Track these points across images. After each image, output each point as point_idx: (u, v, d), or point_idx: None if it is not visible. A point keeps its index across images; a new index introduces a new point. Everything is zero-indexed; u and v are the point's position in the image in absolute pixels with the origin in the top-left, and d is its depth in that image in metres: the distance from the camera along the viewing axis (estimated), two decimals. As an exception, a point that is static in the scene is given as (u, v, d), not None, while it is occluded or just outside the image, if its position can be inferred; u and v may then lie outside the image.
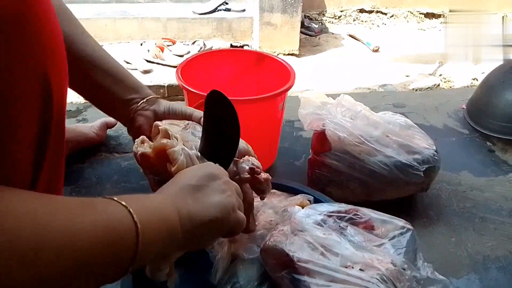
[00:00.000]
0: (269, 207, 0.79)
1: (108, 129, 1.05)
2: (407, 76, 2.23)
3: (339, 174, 0.85)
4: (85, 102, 1.18)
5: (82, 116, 1.14)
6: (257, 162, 0.63)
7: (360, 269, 0.58)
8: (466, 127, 1.15)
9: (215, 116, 0.56)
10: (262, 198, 0.69)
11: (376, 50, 2.57)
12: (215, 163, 0.57)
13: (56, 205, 0.32)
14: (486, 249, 0.79)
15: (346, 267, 0.58)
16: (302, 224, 0.67)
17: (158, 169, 0.56)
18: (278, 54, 2.34)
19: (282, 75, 0.91)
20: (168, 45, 2.18)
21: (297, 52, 2.44)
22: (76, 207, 0.33)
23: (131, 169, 0.94)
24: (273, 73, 0.96)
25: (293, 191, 0.81)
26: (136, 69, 1.98)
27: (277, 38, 2.35)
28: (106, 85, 0.64)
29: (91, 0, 2.37)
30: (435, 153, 0.85)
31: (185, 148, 0.55)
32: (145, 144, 0.57)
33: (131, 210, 0.36)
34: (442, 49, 2.48)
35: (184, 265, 0.70)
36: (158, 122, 0.60)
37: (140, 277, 0.64)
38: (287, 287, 0.59)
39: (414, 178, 0.82)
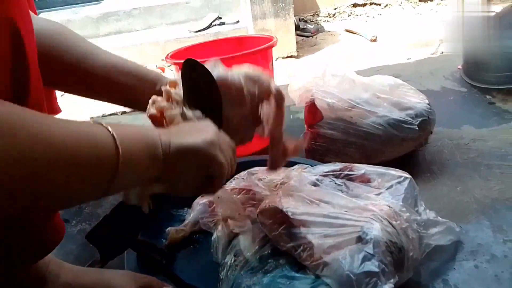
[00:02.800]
0: (267, 182, 0.79)
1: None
2: (409, 59, 2.21)
3: (335, 142, 0.86)
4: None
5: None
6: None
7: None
8: (464, 86, 1.13)
9: (193, 84, 0.58)
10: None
11: (374, 40, 2.57)
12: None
13: (44, 116, 0.35)
14: (494, 192, 0.77)
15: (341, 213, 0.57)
16: (297, 186, 0.67)
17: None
18: (277, 58, 2.37)
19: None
20: (168, 66, 2.24)
21: (295, 54, 2.46)
22: (62, 121, 0.36)
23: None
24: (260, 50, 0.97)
25: (291, 165, 0.81)
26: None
27: (273, 43, 2.39)
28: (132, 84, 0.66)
29: (90, 35, 2.47)
30: (428, 105, 0.84)
31: (185, 109, 0.57)
32: (155, 104, 0.59)
33: (114, 134, 0.38)
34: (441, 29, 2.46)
35: (187, 246, 0.71)
36: (163, 87, 0.62)
37: (143, 257, 0.65)
38: (285, 243, 0.58)
39: (410, 133, 0.82)
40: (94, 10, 2.57)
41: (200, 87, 0.57)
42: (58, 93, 1.01)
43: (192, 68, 0.56)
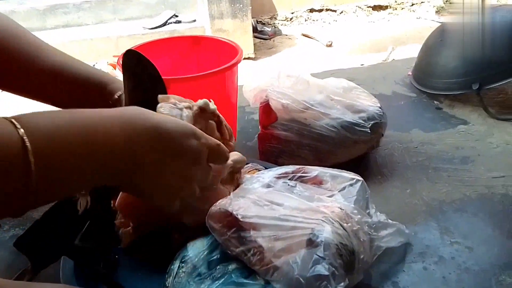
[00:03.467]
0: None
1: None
2: (362, 64, 2.27)
3: (288, 144, 0.84)
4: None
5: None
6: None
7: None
8: (413, 91, 1.17)
9: (136, 78, 0.54)
10: None
11: (330, 45, 2.62)
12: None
13: None
14: (441, 195, 0.78)
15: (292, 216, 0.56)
16: (249, 188, 0.65)
17: None
18: (234, 59, 2.35)
19: (229, 54, 0.90)
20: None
21: (253, 56, 2.45)
22: None
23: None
24: (217, 54, 0.94)
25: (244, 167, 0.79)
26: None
27: (230, 44, 2.37)
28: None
29: (36, 28, 2.33)
30: (380, 109, 0.85)
31: None
32: None
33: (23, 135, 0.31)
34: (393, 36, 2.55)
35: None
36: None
37: (81, 265, 0.60)
38: (235, 247, 0.56)
39: (362, 136, 0.82)
40: (40, 2, 2.42)
41: (144, 80, 0.53)
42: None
43: (135, 61, 0.53)
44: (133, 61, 0.53)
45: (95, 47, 2.28)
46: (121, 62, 0.54)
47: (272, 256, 0.52)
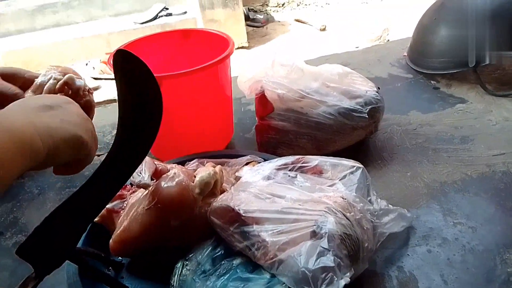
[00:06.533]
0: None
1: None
2: (357, 47, 2.25)
3: (286, 134, 0.84)
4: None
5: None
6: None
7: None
8: (409, 72, 1.15)
9: (127, 77, 0.53)
10: None
11: (323, 29, 2.60)
12: (138, 127, 0.55)
13: None
14: (442, 176, 0.78)
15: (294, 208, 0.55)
16: (250, 182, 0.65)
17: None
18: (227, 49, 2.33)
19: (220, 46, 0.88)
20: (114, 59, 2.14)
21: (246, 45, 2.43)
22: None
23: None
24: (208, 46, 0.93)
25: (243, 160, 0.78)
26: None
27: (223, 34, 2.34)
28: None
29: (26, 29, 2.30)
30: (377, 93, 0.84)
31: None
32: None
33: None
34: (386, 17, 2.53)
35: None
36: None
37: (85, 267, 0.60)
38: (238, 243, 0.56)
39: (360, 121, 0.82)
40: (28, 2, 2.38)
41: (135, 80, 0.52)
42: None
43: (125, 60, 0.51)
44: (124, 60, 0.52)
45: (87, 45, 2.26)
46: (111, 62, 0.53)
47: (277, 249, 0.51)
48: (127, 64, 0.53)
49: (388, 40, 2.20)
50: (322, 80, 0.85)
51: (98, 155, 0.96)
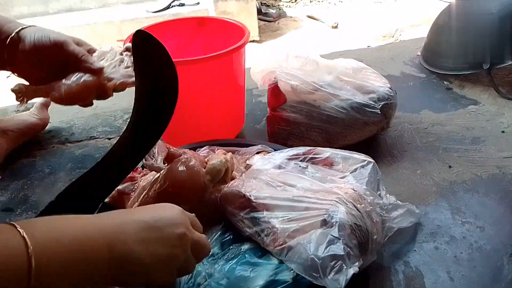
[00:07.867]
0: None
1: (60, 121, 1.01)
2: (369, 46, 2.24)
3: (297, 126, 0.84)
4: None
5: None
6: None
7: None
8: (423, 71, 1.15)
9: (145, 59, 0.54)
10: None
11: (335, 27, 2.58)
12: (154, 110, 0.55)
13: None
14: (452, 175, 0.78)
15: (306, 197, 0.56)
16: (261, 170, 0.65)
17: None
18: (238, 42, 2.32)
19: (235, 35, 0.88)
20: (125, 47, 2.14)
21: (257, 38, 2.42)
22: None
23: (86, 156, 0.90)
24: (223, 35, 0.93)
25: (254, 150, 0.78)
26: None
27: (235, 26, 2.34)
28: None
29: (39, 12, 2.31)
30: (390, 89, 0.84)
31: None
32: None
33: (28, 242, 0.32)
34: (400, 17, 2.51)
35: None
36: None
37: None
38: (248, 228, 0.56)
39: (372, 117, 0.81)
40: (43, -14, 2.39)
41: (154, 62, 0.52)
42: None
43: (145, 42, 0.52)
44: (143, 42, 0.52)
45: (98, 31, 2.26)
46: (130, 43, 0.53)
47: (286, 236, 0.52)
48: (146, 45, 0.53)
49: (402, 40, 2.18)
50: (337, 73, 0.84)
51: (109, 139, 0.97)
